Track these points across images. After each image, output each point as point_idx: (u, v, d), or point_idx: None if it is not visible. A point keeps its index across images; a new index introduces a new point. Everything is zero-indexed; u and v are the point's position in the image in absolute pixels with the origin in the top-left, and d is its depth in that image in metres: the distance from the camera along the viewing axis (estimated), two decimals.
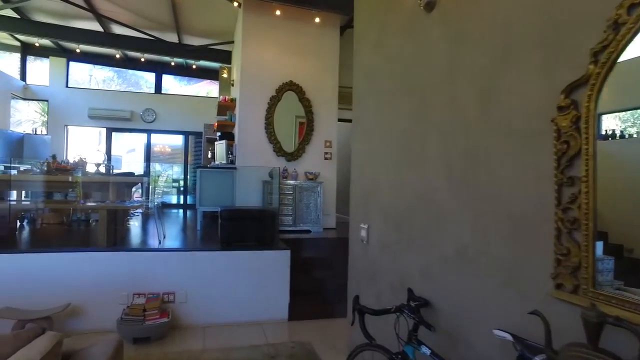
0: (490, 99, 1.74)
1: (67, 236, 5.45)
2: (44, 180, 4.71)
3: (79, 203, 5.14)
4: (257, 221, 4.54)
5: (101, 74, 11.56)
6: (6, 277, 3.84)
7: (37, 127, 10.52)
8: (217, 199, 5.93)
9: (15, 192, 6.05)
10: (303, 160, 6.44)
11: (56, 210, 6.11)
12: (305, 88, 6.43)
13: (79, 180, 5.01)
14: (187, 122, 10.66)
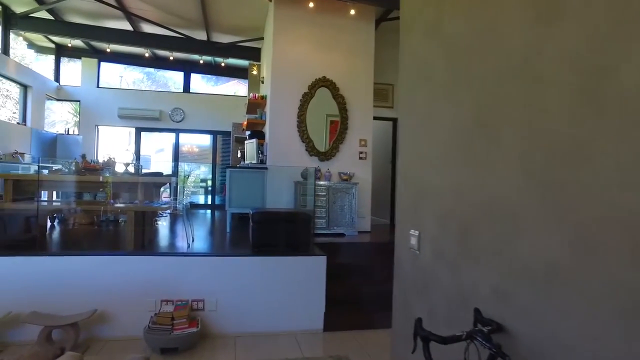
0: (600, 82, 1.38)
1: (95, 237, 5.33)
2: (72, 180, 4.58)
3: (109, 203, 5.01)
4: (291, 224, 4.26)
5: (131, 75, 11.61)
6: (33, 280, 3.69)
7: (70, 127, 10.62)
8: (247, 200, 5.70)
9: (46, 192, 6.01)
10: (336, 160, 6.14)
11: (86, 211, 6.01)
12: (339, 84, 6.12)
13: (109, 180, 4.87)
14: (215, 121, 10.54)
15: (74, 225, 6.67)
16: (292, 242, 4.24)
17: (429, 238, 2.55)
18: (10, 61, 8.49)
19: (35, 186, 4.74)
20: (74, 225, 6.65)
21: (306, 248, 4.29)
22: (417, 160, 2.69)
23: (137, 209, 4.25)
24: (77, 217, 6.75)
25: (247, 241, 4.69)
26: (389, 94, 7.27)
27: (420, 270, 2.65)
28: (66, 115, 11.82)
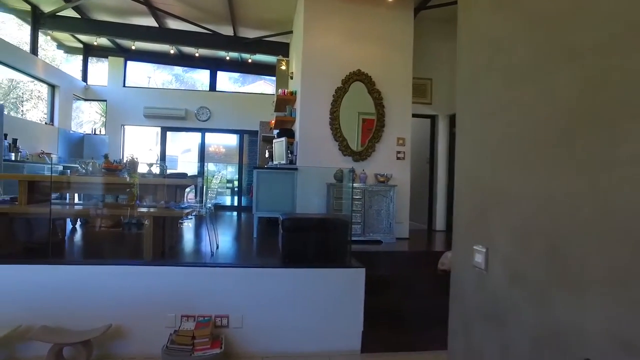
0: None
1: (115, 243, 5.02)
2: (90, 182, 4.27)
3: (135, 205, 4.69)
4: (326, 232, 3.81)
5: (160, 77, 11.46)
6: (44, 290, 3.37)
7: (97, 127, 10.53)
8: (275, 203, 5.29)
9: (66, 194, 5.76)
10: (372, 160, 5.66)
11: (107, 214, 5.73)
12: (375, 78, 5.64)
13: (136, 181, 4.55)
14: (241, 120, 10.21)
15: (100, 227, 6.42)
16: (327, 252, 3.78)
17: (502, 256, 2.04)
18: (39, 61, 8.39)
19: (62, 188, 4.46)
20: (100, 228, 6.40)
21: (343, 259, 3.83)
22: (486, 160, 2.17)
23: (156, 214, 3.89)
24: (103, 219, 6.51)
25: (276, 249, 4.28)
26: (427, 89, 6.73)
27: (489, 294, 2.14)
28: (94, 116, 11.78)
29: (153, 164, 6.70)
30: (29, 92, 10.82)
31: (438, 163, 6.79)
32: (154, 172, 6.73)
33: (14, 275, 3.37)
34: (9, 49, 7.55)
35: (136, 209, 4.78)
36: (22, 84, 10.66)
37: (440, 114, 6.78)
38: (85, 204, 5.56)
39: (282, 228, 3.82)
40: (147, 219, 3.76)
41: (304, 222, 3.87)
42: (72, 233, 5.28)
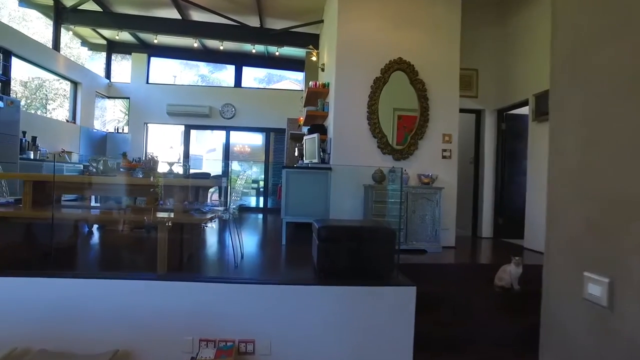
0: None
1: (131, 249, 4.56)
2: (103, 183, 3.83)
3: (158, 206, 4.24)
4: (370, 243, 3.23)
5: (185, 77, 11.13)
6: (44, 307, 2.92)
7: (121, 125, 10.25)
8: (306, 207, 4.75)
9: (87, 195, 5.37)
10: (415, 159, 5.04)
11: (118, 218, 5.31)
12: (419, 67, 5.02)
13: (159, 182, 4.09)
14: (268, 117, 9.73)
15: (122, 230, 6.01)
16: (370, 266, 3.21)
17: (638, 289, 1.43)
18: (60, 57, 8.11)
19: (68, 189, 4.03)
20: (122, 230, 5.98)
21: (389, 275, 3.24)
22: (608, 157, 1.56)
23: (172, 220, 3.39)
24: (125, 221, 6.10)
25: (308, 261, 3.73)
26: (473, 81, 6.06)
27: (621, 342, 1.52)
28: (118, 114, 11.54)
29: (174, 162, 6.26)
30: (54, 91, 10.64)
31: (484, 163, 6.11)
32: (174, 171, 6.28)
33: (8, 288, 2.93)
34: (30, 44, 7.28)
35: (156, 211, 4.34)
36: (48, 83, 10.51)
37: (487, 109, 6.09)
38: (102, 206, 5.14)
39: (317, 237, 3.26)
40: (161, 225, 3.26)
41: (344, 230, 3.30)
42: (86, 237, 4.84)
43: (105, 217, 3.59)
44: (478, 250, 5.34)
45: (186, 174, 6.98)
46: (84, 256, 4.04)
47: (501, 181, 5.98)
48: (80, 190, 3.87)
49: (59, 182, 3.64)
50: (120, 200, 5.14)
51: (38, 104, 10.45)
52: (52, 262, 3.26)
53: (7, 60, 6.87)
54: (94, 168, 3.72)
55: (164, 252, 3.19)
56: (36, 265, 3.27)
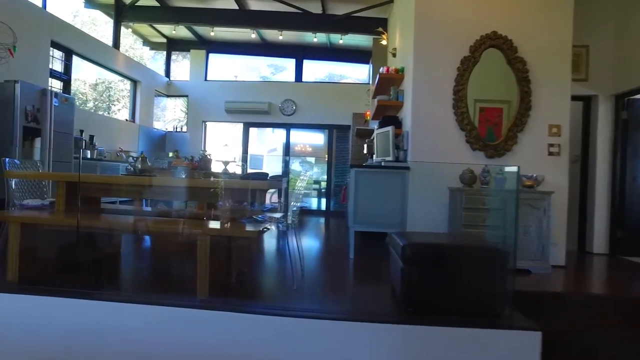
0: None
1: (179, 260, 4.02)
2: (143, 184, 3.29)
3: (218, 206, 3.68)
4: (473, 267, 2.39)
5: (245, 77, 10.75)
6: (60, 334, 2.39)
7: (180, 124, 10.05)
8: (379, 214, 3.98)
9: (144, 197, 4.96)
10: (514, 156, 4.08)
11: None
12: (518, 42, 4.06)
13: (220, 185, 3.52)
14: (331, 113, 9.02)
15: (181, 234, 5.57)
16: (472, 299, 2.37)
17: None
18: (120, 55, 7.95)
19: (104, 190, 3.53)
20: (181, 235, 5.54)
21: (499, 311, 2.38)
22: None
23: (214, 233, 2.75)
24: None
25: (382, 282, 2.98)
26: (582, 61, 4.94)
27: None
28: (179, 114, 11.42)
29: (229, 162, 5.72)
30: (119, 92, 10.68)
31: (596, 161, 4.96)
32: (230, 171, 5.73)
33: (21, 307, 2.44)
34: (90, 42, 7.14)
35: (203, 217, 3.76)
36: (114, 84, 10.58)
37: (600, 94, 4.95)
38: (152, 210, 4.67)
39: (400, 257, 2.46)
40: (202, 238, 2.61)
41: (439, 250, 2.48)
42: (134, 245, 4.36)
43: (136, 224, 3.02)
44: (599, 273, 4.27)
45: (243, 174, 6.43)
46: (122, 270, 3.52)
47: (621, 184, 4.80)
48: (118, 192, 3.36)
49: (94, 184, 3.14)
50: (171, 203, 4.66)
51: (104, 105, 10.56)
52: (78, 277, 2.75)
53: (68, 59, 6.74)
54: (132, 167, 3.18)
55: (205, 271, 2.55)
56: (61, 281, 2.77)
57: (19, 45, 5.42)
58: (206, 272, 2.58)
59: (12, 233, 2.79)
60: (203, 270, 2.56)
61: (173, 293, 2.78)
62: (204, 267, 2.55)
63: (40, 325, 2.45)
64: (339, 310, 2.64)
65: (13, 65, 5.29)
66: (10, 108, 4.77)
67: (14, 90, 4.77)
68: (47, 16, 6.16)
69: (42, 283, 2.87)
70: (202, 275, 2.55)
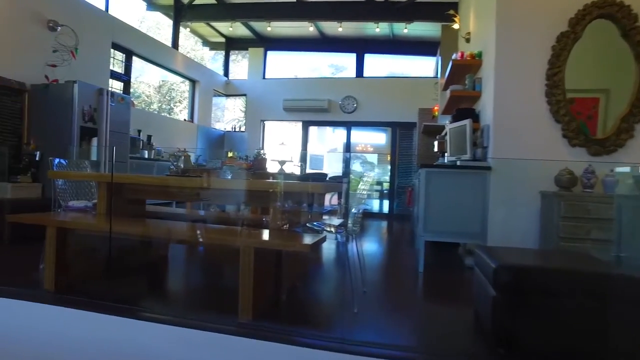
0: None
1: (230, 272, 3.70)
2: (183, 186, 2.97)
3: (277, 206, 3.33)
4: (597, 302, 1.78)
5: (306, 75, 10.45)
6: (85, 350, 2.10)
7: (239, 124, 9.93)
8: (454, 222, 3.39)
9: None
10: (626, 153, 3.32)
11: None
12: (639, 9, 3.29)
13: (280, 188, 3.17)
14: (394, 109, 8.43)
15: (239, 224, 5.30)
16: (601, 348, 1.76)
17: None
18: (179, 55, 7.92)
19: (149, 192, 3.27)
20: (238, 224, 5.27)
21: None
22: None
23: (256, 244, 2.32)
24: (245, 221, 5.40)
25: (461, 304, 2.40)
26: None
27: None
28: (238, 113, 11.37)
29: (285, 161, 5.36)
30: (180, 94, 10.81)
31: None
32: (286, 171, 5.38)
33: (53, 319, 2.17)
34: (149, 43, 7.13)
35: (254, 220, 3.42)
36: (175, 85, 10.73)
37: None
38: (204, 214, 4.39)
39: (493, 283, 1.91)
40: (245, 250, 2.21)
41: (551, 278, 1.88)
42: (180, 251, 4.09)
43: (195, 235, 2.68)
44: None
45: (302, 175, 6.08)
46: (164, 281, 3.22)
47: None
48: (160, 195, 3.07)
49: (138, 185, 2.87)
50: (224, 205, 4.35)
51: (168, 107, 10.73)
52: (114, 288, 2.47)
53: (128, 61, 6.76)
54: (174, 166, 2.87)
55: (248, 290, 2.15)
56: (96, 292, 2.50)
57: (80, 47, 5.42)
58: (249, 290, 2.17)
59: (48, 237, 2.58)
60: (246, 289, 2.16)
61: (215, 311, 2.42)
62: (247, 284, 2.15)
63: (70, 341, 2.19)
64: (408, 344, 2.13)
65: (75, 66, 5.29)
66: (69, 108, 4.73)
67: (72, 91, 4.73)
68: (108, 18, 6.18)
69: (77, 292, 2.63)
70: (245, 294, 2.16)
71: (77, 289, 2.73)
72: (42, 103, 4.85)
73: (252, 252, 2.14)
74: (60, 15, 5.22)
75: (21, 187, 4.39)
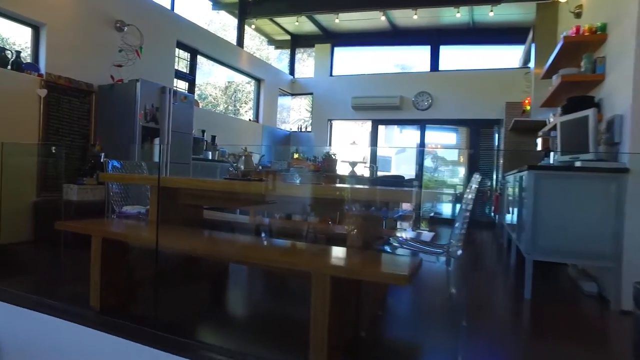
0: None
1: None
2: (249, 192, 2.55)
3: (355, 216, 2.86)
4: None
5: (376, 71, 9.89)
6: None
7: (305, 124, 9.58)
8: (573, 238, 2.68)
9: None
10: None
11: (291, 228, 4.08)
12: None
13: (347, 195, 2.70)
14: (474, 105, 7.60)
15: (306, 235, 4.90)
16: None
17: None
18: (244, 53, 7.69)
19: (215, 199, 2.90)
20: (306, 236, 4.86)
21: None
22: None
23: (332, 271, 1.80)
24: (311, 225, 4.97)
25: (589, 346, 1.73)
26: None
27: None
28: (304, 113, 11.05)
29: (357, 163, 4.84)
30: (246, 94, 10.71)
31: None
32: (357, 173, 4.87)
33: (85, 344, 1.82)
34: (213, 41, 6.95)
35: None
36: (241, 86, 10.65)
37: None
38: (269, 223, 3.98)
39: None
40: (318, 277, 1.70)
41: None
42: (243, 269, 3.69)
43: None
44: None
45: (375, 178, 5.54)
46: (221, 306, 2.80)
47: None
48: (218, 201, 2.67)
49: (192, 190, 2.49)
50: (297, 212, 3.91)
51: (233, 109, 10.68)
52: (163, 311, 2.08)
53: (193, 60, 6.62)
54: (233, 167, 2.43)
55: (322, 327, 1.65)
56: (144, 314, 2.14)
57: (145, 46, 5.30)
58: (323, 328, 1.67)
59: (94, 249, 2.26)
60: (319, 326, 1.66)
61: (280, 347, 1.95)
62: (321, 320, 1.65)
63: None
64: None
65: (139, 66, 5.17)
66: (132, 108, 4.57)
67: (135, 89, 4.56)
68: (173, 17, 6.05)
69: (124, 312, 2.30)
70: (317, 333, 1.65)
71: (123, 306, 2.40)
72: (107, 103, 4.74)
73: (329, 282, 1.63)
74: (127, 15, 5.12)
75: (86, 190, 4.27)
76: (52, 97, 4.37)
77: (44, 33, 4.35)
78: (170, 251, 2.19)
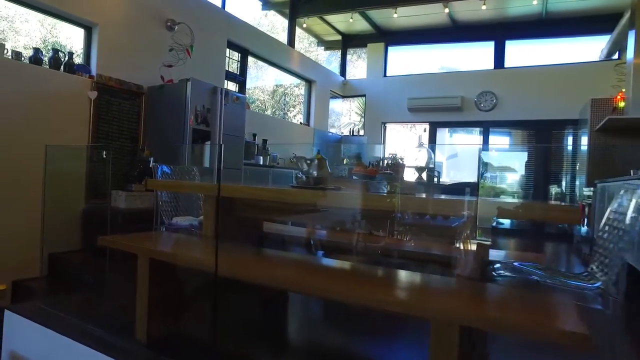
0: None
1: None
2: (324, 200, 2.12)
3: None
4: None
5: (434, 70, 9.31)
6: None
7: (356, 127, 9.12)
8: None
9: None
10: None
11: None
12: None
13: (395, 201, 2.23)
14: (546, 104, 6.85)
15: (356, 244, 4.42)
16: None
17: None
18: (294, 52, 7.36)
19: (283, 210, 2.49)
20: (356, 244, 4.39)
21: None
22: None
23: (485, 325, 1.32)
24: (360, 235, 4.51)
25: None
26: None
27: None
28: (354, 117, 10.60)
29: (425, 168, 4.30)
30: (294, 98, 10.40)
31: None
32: (424, 180, 4.31)
33: None
34: (265, 40, 6.67)
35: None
36: (289, 89, 10.36)
37: None
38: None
39: None
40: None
41: None
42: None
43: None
44: None
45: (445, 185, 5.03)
46: (285, 333, 2.37)
47: None
48: (288, 213, 2.26)
49: (253, 200, 2.09)
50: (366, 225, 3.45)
51: (281, 113, 10.39)
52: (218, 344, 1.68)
53: (244, 60, 6.34)
54: (303, 173, 2.00)
55: None
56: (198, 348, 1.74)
57: (196, 45, 5.05)
58: None
59: (140, 272, 1.90)
60: None
61: None
62: None
63: None
64: None
65: (190, 66, 4.92)
66: (182, 109, 4.29)
67: (186, 89, 4.27)
68: (224, 15, 5.79)
69: (175, 347, 1.92)
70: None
71: (174, 338, 2.03)
72: (157, 105, 4.49)
73: (457, 333, 1.15)
74: (178, 14, 4.90)
75: (134, 197, 4.02)
76: (102, 99, 4.17)
77: (95, 33, 4.18)
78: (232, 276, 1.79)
